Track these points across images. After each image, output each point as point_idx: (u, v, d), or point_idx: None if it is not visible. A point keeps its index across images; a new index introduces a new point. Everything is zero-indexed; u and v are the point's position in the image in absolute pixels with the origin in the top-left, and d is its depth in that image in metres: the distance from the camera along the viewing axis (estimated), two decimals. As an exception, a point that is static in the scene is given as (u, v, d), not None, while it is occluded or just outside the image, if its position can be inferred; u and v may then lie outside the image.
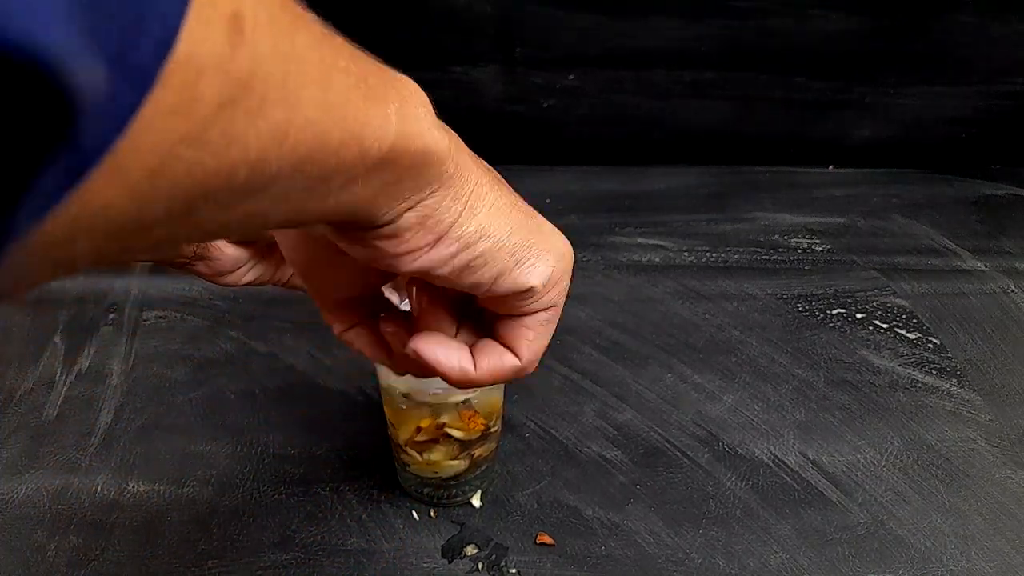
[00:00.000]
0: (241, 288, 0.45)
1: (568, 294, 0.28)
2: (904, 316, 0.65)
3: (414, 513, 0.49)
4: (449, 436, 0.44)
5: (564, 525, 0.48)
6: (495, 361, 0.27)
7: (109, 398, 0.57)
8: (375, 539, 0.47)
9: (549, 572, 0.46)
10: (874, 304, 0.66)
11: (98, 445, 0.53)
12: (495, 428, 0.46)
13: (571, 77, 0.79)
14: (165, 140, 0.13)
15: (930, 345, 0.62)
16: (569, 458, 0.52)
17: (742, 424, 0.55)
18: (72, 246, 0.13)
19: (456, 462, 0.46)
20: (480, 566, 0.46)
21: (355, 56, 0.19)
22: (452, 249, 0.23)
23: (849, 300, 0.67)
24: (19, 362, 0.60)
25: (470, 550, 0.47)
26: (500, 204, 0.24)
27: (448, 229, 0.23)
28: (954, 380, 0.59)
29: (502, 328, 0.28)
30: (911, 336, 0.63)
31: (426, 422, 0.44)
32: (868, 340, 0.63)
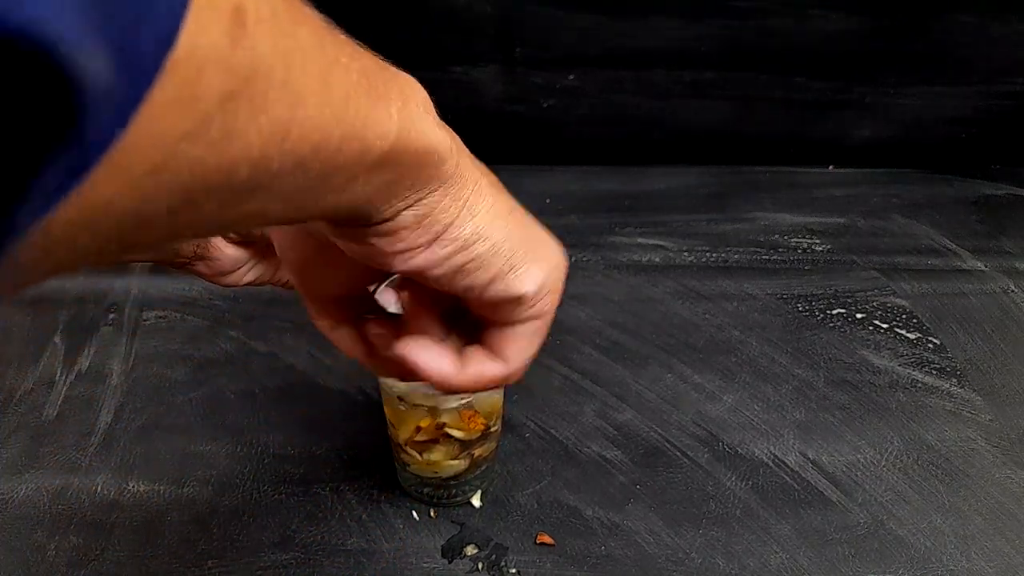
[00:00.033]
0: (241, 288, 0.45)
1: (568, 294, 0.28)
2: (904, 316, 0.65)
3: (414, 513, 0.49)
4: (449, 436, 0.44)
5: (564, 525, 0.48)
6: (480, 368, 0.27)
7: (109, 398, 0.57)
8: (375, 539, 0.47)
9: (549, 572, 0.46)
10: (874, 304, 0.66)
11: (98, 445, 0.53)
12: (495, 428, 0.46)
13: (571, 77, 0.79)
14: (167, 136, 0.13)
15: (930, 345, 0.62)
16: (569, 458, 0.52)
17: (742, 424, 0.55)
18: (73, 244, 0.13)
19: (456, 462, 0.46)
20: (480, 566, 0.46)
21: (357, 53, 0.19)
22: (448, 250, 0.23)
23: (849, 300, 0.67)
24: (19, 362, 0.60)
25: (470, 550, 0.47)
26: (498, 208, 0.24)
27: (445, 229, 0.23)
28: (954, 380, 0.59)
29: (490, 336, 0.28)
30: (911, 336, 0.63)
31: (426, 422, 0.44)
32: (868, 340, 0.63)
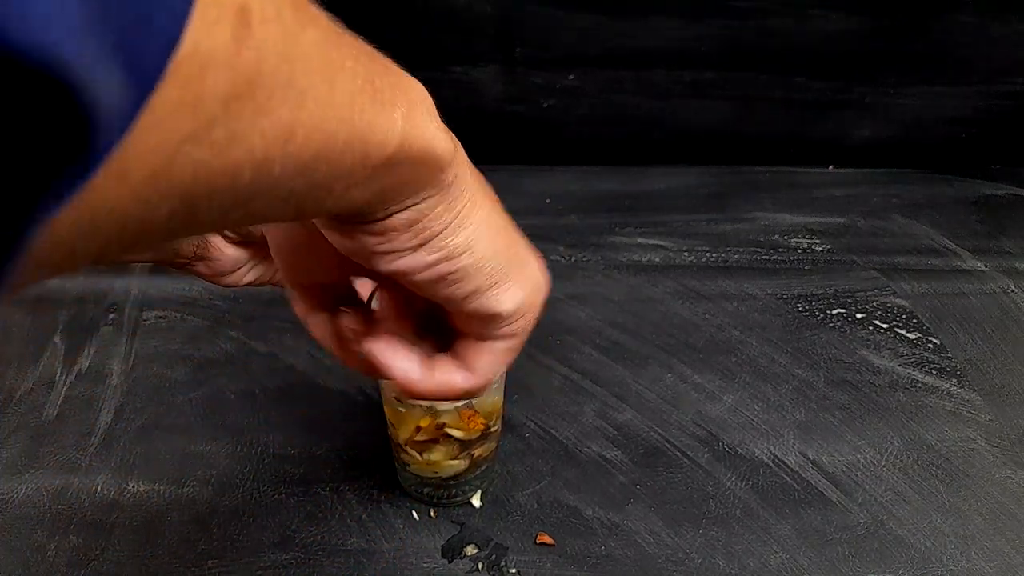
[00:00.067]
0: (241, 288, 0.45)
1: (568, 294, 0.28)
2: (904, 316, 0.65)
3: (414, 513, 0.49)
4: (449, 436, 0.44)
5: (564, 525, 0.48)
6: (446, 377, 0.27)
7: (109, 398, 0.57)
8: (375, 539, 0.47)
9: (549, 572, 0.46)
10: (874, 304, 0.66)
11: (98, 445, 0.53)
12: (495, 428, 0.46)
13: (571, 77, 0.79)
14: (170, 138, 0.13)
15: (930, 345, 0.62)
16: (569, 458, 0.52)
17: (742, 424, 0.55)
18: (73, 245, 0.13)
19: (456, 462, 0.46)
20: (480, 566, 0.46)
21: (364, 56, 0.19)
22: (433, 257, 0.23)
23: (849, 300, 0.67)
24: (19, 362, 0.60)
25: (470, 550, 0.47)
26: (490, 223, 0.24)
27: (434, 237, 0.23)
28: (954, 380, 0.59)
29: (461, 347, 0.28)
30: (911, 336, 0.63)
31: (426, 422, 0.44)
32: (868, 340, 0.63)
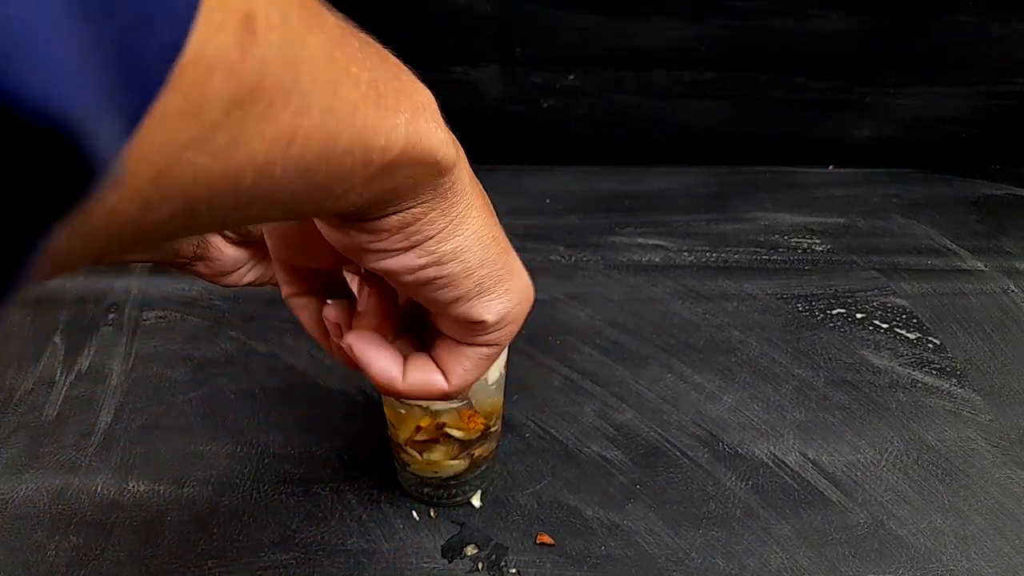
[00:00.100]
0: (241, 288, 0.45)
1: (568, 294, 0.28)
2: (904, 316, 0.65)
3: (414, 513, 0.49)
4: (449, 436, 0.44)
5: (564, 525, 0.48)
6: (424, 377, 0.27)
7: (109, 398, 0.57)
8: (375, 539, 0.47)
9: (549, 572, 0.46)
10: (874, 304, 0.66)
11: (98, 445, 0.53)
12: (495, 428, 0.46)
13: (571, 77, 0.79)
14: (172, 144, 0.13)
15: (930, 345, 0.62)
16: (569, 458, 0.52)
17: (742, 424, 0.55)
18: (73, 248, 0.13)
19: (456, 462, 0.46)
20: (480, 566, 0.46)
21: (371, 59, 0.19)
22: (422, 261, 0.23)
23: (849, 300, 0.67)
24: (19, 362, 0.60)
25: (470, 550, 0.47)
26: (483, 232, 0.24)
27: (425, 240, 0.23)
28: (954, 380, 0.59)
29: (441, 349, 0.28)
30: (911, 336, 0.63)
31: (426, 422, 0.44)
32: (868, 340, 0.63)
